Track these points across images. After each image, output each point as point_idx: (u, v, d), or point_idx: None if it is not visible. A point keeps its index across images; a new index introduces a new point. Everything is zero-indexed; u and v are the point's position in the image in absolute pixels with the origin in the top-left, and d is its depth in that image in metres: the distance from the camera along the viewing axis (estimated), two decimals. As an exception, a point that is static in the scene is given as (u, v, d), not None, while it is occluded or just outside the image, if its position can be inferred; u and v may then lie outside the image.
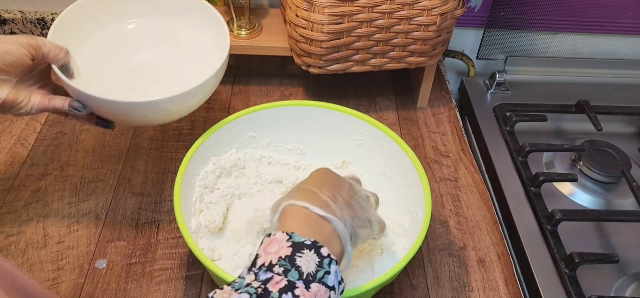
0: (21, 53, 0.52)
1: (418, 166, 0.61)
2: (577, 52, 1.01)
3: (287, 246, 0.43)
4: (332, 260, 0.43)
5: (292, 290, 0.40)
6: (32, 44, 0.53)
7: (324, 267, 0.42)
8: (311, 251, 0.43)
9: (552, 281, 0.66)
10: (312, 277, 0.41)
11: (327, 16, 0.70)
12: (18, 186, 0.71)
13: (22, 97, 0.55)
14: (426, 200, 0.58)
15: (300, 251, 0.42)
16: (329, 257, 0.43)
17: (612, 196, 0.78)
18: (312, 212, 0.47)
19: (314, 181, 0.51)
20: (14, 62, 0.52)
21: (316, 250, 0.43)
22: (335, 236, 0.47)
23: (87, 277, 0.61)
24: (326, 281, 0.42)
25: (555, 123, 0.90)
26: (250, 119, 0.67)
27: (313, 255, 0.42)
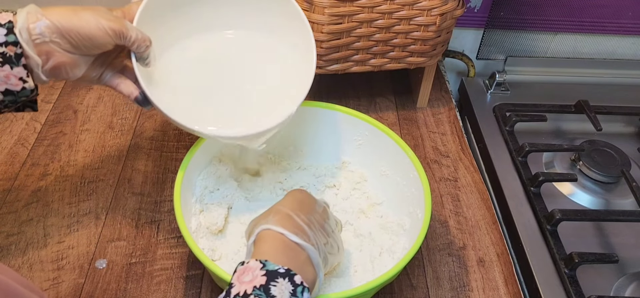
0: (105, 40, 0.49)
1: (418, 166, 0.62)
2: (576, 52, 1.01)
3: (261, 275, 0.42)
4: (304, 288, 0.43)
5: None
6: (117, 32, 0.49)
7: (298, 296, 0.42)
8: (285, 280, 0.42)
9: (551, 281, 0.66)
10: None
11: (327, 16, 0.70)
12: (18, 187, 0.71)
13: (95, 73, 0.53)
14: (426, 200, 0.58)
15: (275, 280, 0.42)
16: (302, 285, 0.43)
17: (611, 196, 0.78)
18: (287, 239, 0.47)
19: (290, 203, 0.50)
20: (95, 46, 0.50)
21: (290, 279, 0.43)
22: (309, 264, 0.47)
23: (87, 276, 0.61)
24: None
25: (554, 123, 0.90)
26: None
27: (287, 284, 0.42)
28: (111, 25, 0.49)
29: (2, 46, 0.45)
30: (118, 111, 0.83)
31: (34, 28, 0.46)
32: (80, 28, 0.47)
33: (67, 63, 0.49)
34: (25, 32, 0.46)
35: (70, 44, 0.48)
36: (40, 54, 0.47)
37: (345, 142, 0.70)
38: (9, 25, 0.45)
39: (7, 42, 0.45)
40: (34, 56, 0.46)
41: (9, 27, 0.45)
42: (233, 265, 0.60)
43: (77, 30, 0.47)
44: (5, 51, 0.45)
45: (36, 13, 0.47)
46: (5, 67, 0.45)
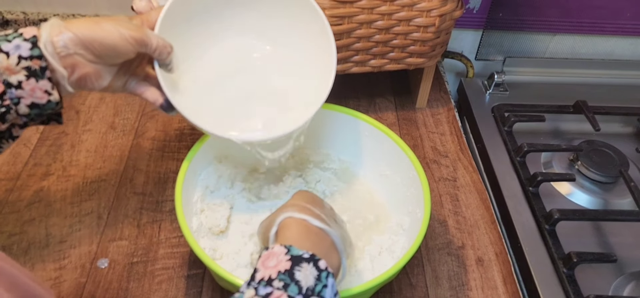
0: (127, 50, 0.50)
1: (417, 166, 0.62)
2: (575, 53, 1.01)
3: (286, 260, 0.43)
4: (329, 274, 0.43)
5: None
6: (138, 40, 0.50)
7: (322, 281, 0.43)
8: (309, 265, 0.43)
9: (550, 280, 0.66)
10: (311, 291, 0.42)
11: (327, 18, 0.70)
12: (20, 186, 0.71)
13: (119, 82, 0.54)
14: (425, 200, 0.58)
15: (299, 264, 0.42)
16: (327, 270, 0.43)
17: (610, 196, 0.79)
18: (311, 224, 0.47)
19: (303, 198, 0.51)
20: (118, 55, 0.50)
21: (314, 263, 0.43)
22: (333, 249, 0.48)
23: (89, 276, 0.62)
24: (324, 295, 0.42)
25: (553, 123, 0.91)
26: None
27: (312, 269, 0.43)
28: (132, 34, 0.49)
29: (28, 60, 0.46)
30: (120, 111, 0.83)
31: (58, 41, 0.47)
32: (103, 38, 0.48)
33: (92, 74, 0.50)
34: (49, 46, 0.46)
35: (94, 55, 0.49)
36: (66, 66, 0.48)
37: (345, 142, 0.71)
38: (33, 40, 0.46)
39: (32, 56, 0.46)
40: (59, 68, 0.47)
41: (33, 41, 0.46)
42: (234, 264, 0.61)
43: (99, 41, 0.48)
44: (30, 65, 0.46)
45: (59, 26, 0.47)
46: (31, 81, 0.46)
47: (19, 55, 0.45)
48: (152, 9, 0.53)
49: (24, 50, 0.46)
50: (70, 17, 0.95)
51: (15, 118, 0.46)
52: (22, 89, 0.46)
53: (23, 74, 0.46)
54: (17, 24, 0.94)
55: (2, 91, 0.45)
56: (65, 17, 0.94)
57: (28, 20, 0.94)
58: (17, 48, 0.45)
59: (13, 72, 0.45)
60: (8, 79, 0.45)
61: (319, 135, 0.71)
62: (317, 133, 0.71)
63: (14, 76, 0.45)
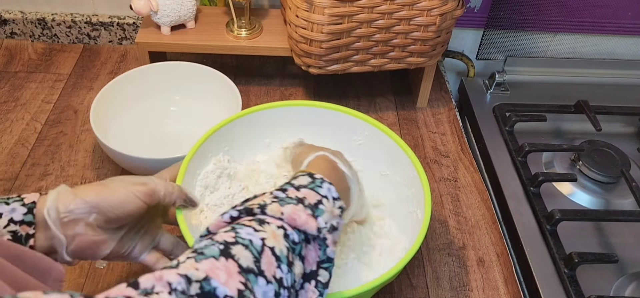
0: (136, 205, 0.48)
1: (418, 166, 0.62)
2: (576, 52, 1.01)
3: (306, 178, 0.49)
4: (323, 180, 0.48)
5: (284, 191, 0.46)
6: (147, 193, 0.49)
7: (316, 183, 0.48)
8: (305, 175, 0.49)
9: (551, 281, 0.66)
10: (303, 186, 0.47)
11: (327, 17, 0.70)
12: (19, 187, 0.71)
13: (126, 247, 0.51)
14: (426, 200, 0.58)
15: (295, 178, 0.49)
16: (321, 178, 0.48)
17: (611, 196, 0.78)
18: (338, 167, 0.54)
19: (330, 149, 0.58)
20: (127, 214, 0.48)
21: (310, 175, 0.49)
22: (348, 194, 0.54)
23: (88, 276, 0.62)
24: (317, 190, 0.47)
25: (554, 123, 0.90)
26: (250, 120, 0.67)
27: (306, 177, 0.48)
28: (139, 188, 0.49)
29: (16, 225, 0.44)
30: (118, 111, 0.83)
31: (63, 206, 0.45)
32: (110, 198, 0.47)
33: (95, 241, 0.48)
34: (53, 211, 0.45)
35: (101, 217, 0.47)
36: (66, 234, 0.46)
37: (345, 142, 0.70)
38: (31, 206, 0.45)
39: (22, 221, 0.44)
40: (59, 235, 0.45)
41: (30, 207, 0.45)
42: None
43: (107, 201, 0.47)
44: (17, 229, 0.44)
45: (67, 193, 0.46)
46: None
47: (11, 218, 0.44)
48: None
49: (18, 214, 0.44)
50: (69, 14, 0.94)
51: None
52: None
53: (7, 238, 0.43)
54: (15, 24, 0.94)
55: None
56: (64, 16, 0.94)
57: (26, 20, 0.93)
58: (12, 211, 0.44)
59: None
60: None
61: (319, 135, 0.70)
62: (317, 133, 0.70)
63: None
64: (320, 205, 0.46)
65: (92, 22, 0.94)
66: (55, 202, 0.45)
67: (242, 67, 0.94)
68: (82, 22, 0.94)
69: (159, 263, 0.53)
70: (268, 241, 0.40)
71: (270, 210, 0.44)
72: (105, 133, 0.70)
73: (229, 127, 0.66)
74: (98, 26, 0.95)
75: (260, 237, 0.40)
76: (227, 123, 0.65)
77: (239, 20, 0.83)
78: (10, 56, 0.93)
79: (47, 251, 0.45)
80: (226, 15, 0.87)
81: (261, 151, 0.71)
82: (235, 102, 0.73)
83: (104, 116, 0.72)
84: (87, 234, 0.47)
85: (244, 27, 0.83)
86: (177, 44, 0.82)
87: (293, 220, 0.43)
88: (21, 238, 0.44)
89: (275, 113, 0.68)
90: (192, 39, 0.82)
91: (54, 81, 0.88)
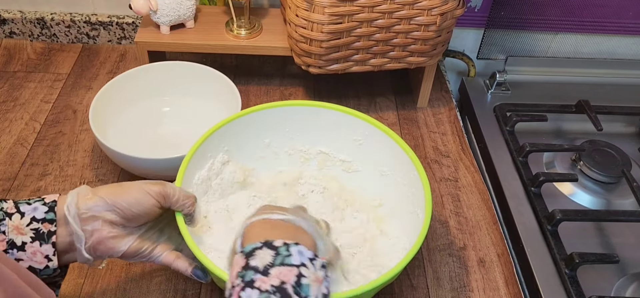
0: (150, 204, 0.50)
1: (418, 166, 0.61)
2: (577, 52, 1.01)
3: (242, 261, 0.43)
4: (289, 245, 0.44)
5: (251, 286, 0.40)
6: (161, 193, 0.51)
7: (282, 253, 0.43)
8: (262, 249, 0.44)
9: (552, 281, 0.66)
10: (270, 265, 0.42)
11: (327, 16, 0.70)
12: (18, 186, 0.70)
13: (146, 246, 0.52)
14: (426, 200, 0.58)
15: (252, 255, 0.43)
16: (285, 244, 0.44)
17: (612, 196, 0.78)
18: (273, 220, 0.48)
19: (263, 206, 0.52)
20: (142, 213, 0.50)
21: (268, 246, 0.44)
22: (303, 232, 0.48)
23: (87, 276, 0.61)
24: (288, 261, 0.42)
25: (555, 123, 0.90)
26: (249, 120, 0.67)
27: (266, 251, 0.43)
28: (154, 188, 0.51)
29: (39, 223, 0.46)
30: (118, 110, 0.82)
31: (83, 204, 0.48)
32: (126, 196, 0.49)
33: (112, 238, 0.49)
34: (73, 208, 0.47)
35: (118, 215, 0.49)
36: (85, 230, 0.48)
37: (345, 142, 0.70)
38: (52, 204, 0.47)
39: (44, 219, 0.46)
40: (78, 231, 0.47)
41: (51, 206, 0.47)
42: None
43: (123, 199, 0.49)
44: (39, 227, 0.46)
45: (87, 191, 0.49)
46: (35, 244, 0.46)
47: (33, 216, 0.46)
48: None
49: (40, 212, 0.46)
50: (68, 14, 0.94)
51: None
52: (24, 251, 0.45)
53: (29, 236, 0.46)
54: (14, 23, 0.94)
55: (4, 249, 0.45)
56: (64, 15, 0.94)
57: (25, 19, 0.93)
58: (34, 210, 0.46)
59: (21, 232, 0.45)
60: (14, 239, 0.45)
61: (319, 135, 0.70)
62: (317, 133, 0.70)
63: (20, 237, 0.45)
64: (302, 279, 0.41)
65: (91, 21, 0.94)
66: (75, 199, 0.48)
67: (241, 67, 0.94)
68: (81, 22, 0.94)
69: (177, 262, 0.53)
70: None
71: None
72: (104, 133, 0.70)
73: (228, 127, 0.65)
74: (97, 26, 0.95)
75: None
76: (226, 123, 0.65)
77: (239, 20, 0.83)
78: (9, 56, 0.93)
79: (67, 248, 0.48)
80: (226, 15, 0.87)
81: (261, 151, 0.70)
82: (235, 102, 0.73)
83: (103, 116, 0.72)
84: (105, 230, 0.49)
85: (243, 27, 0.83)
86: (176, 44, 0.82)
87: None
88: (43, 235, 0.46)
89: (274, 113, 0.68)
90: (192, 38, 0.82)
91: (53, 80, 0.88)
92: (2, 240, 0.44)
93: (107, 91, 0.74)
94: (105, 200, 0.48)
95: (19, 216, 0.46)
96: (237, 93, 0.74)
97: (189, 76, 0.80)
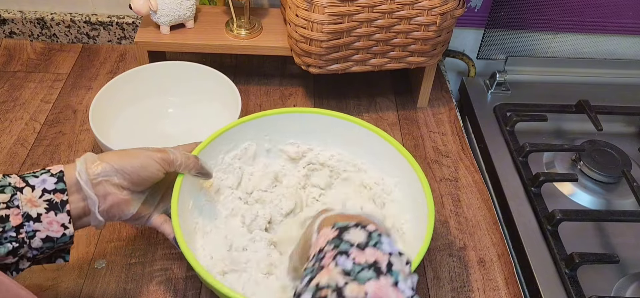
0: (156, 168, 0.53)
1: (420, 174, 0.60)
2: (577, 52, 1.01)
3: (333, 234, 0.43)
4: (380, 234, 0.43)
5: (346, 254, 0.40)
6: (165, 159, 0.53)
7: (374, 238, 0.42)
8: (356, 228, 0.43)
9: (552, 281, 0.66)
10: (365, 244, 0.41)
11: (327, 16, 0.70)
12: (18, 186, 0.70)
13: (146, 211, 0.55)
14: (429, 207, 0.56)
15: (346, 230, 0.43)
16: (376, 231, 0.43)
17: (612, 196, 0.78)
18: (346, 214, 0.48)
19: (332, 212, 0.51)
20: (148, 177, 0.53)
21: (361, 227, 0.43)
22: None
23: (87, 277, 0.61)
24: (380, 247, 0.41)
25: (555, 123, 0.90)
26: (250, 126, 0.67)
27: (360, 231, 0.43)
28: (157, 154, 0.53)
29: (51, 194, 0.47)
30: (118, 110, 0.82)
31: (94, 169, 0.50)
32: (133, 161, 0.52)
33: (122, 202, 0.52)
34: (84, 174, 0.49)
35: (126, 179, 0.51)
36: (98, 194, 0.50)
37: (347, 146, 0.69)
38: (60, 174, 0.48)
39: (55, 190, 0.48)
40: (92, 194, 0.49)
41: (59, 176, 0.48)
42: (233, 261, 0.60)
43: (130, 164, 0.51)
44: (52, 198, 0.47)
45: (94, 158, 0.51)
46: (50, 214, 0.47)
47: (44, 188, 0.47)
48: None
49: (49, 184, 0.48)
50: (68, 14, 0.94)
51: (26, 251, 0.47)
52: (40, 222, 0.47)
53: (43, 207, 0.47)
54: (13, 23, 0.94)
55: (20, 223, 0.46)
56: (63, 15, 0.94)
57: (25, 19, 0.93)
58: (43, 182, 0.47)
59: (34, 205, 0.46)
60: (28, 212, 0.46)
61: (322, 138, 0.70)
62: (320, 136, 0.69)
63: (35, 209, 0.46)
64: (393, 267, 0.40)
65: (91, 21, 0.94)
66: (84, 166, 0.50)
67: (241, 67, 0.94)
68: (81, 22, 0.94)
69: (163, 225, 0.56)
70: None
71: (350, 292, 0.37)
72: (104, 132, 0.70)
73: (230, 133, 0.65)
74: (97, 26, 0.95)
75: None
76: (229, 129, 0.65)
77: (239, 20, 0.83)
78: (9, 56, 0.93)
79: (80, 214, 0.50)
80: (226, 15, 0.87)
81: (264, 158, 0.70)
82: (235, 102, 0.73)
83: (103, 116, 0.72)
84: (116, 194, 0.51)
85: (243, 27, 0.83)
86: (176, 44, 0.82)
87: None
88: (57, 204, 0.47)
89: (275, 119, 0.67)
90: (192, 38, 0.82)
91: (53, 80, 0.88)
92: (17, 214, 0.45)
93: (107, 91, 0.74)
94: (112, 166, 0.50)
95: (30, 189, 0.47)
96: (237, 93, 0.74)
97: (189, 76, 0.80)
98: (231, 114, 0.73)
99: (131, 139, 0.75)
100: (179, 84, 0.81)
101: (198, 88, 0.80)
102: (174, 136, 0.78)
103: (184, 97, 0.81)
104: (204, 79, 0.79)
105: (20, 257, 0.47)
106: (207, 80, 0.79)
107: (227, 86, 0.76)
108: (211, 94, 0.80)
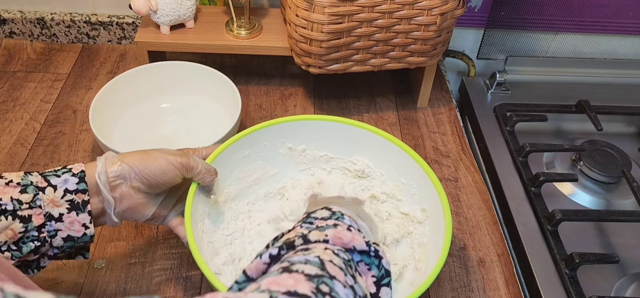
0: (175, 174, 0.53)
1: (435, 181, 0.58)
2: (577, 52, 1.01)
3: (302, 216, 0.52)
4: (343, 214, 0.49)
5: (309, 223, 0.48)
6: (185, 165, 0.53)
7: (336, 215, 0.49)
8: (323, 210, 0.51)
9: (552, 281, 0.66)
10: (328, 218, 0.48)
11: (327, 16, 0.70)
12: (18, 186, 0.70)
13: (162, 213, 0.56)
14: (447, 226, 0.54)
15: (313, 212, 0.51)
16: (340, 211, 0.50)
17: (612, 196, 0.78)
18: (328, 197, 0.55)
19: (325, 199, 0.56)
20: (166, 182, 0.53)
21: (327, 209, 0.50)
22: None
23: (87, 276, 0.61)
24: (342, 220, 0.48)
25: (555, 123, 0.90)
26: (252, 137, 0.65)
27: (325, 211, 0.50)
28: (178, 159, 0.53)
29: (72, 194, 0.48)
30: (118, 110, 0.82)
31: (113, 171, 0.50)
32: (152, 165, 0.51)
33: (138, 205, 0.52)
34: (103, 175, 0.50)
35: (143, 183, 0.51)
36: (114, 196, 0.50)
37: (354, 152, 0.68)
38: (81, 175, 0.49)
39: (77, 190, 0.48)
40: (109, 197, 0.50)
41: (81, 176, 0.49)
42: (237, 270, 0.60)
43: (149, 168, 0.51)
44: (74, 198, 0.48)
45: (114, 158, 0.51)
46: (72, 214, 0.48)
47: (66, 188, 0.48)
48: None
49: (71, 184, 0.48)
50: (68, 14, 0.94)
51: (47, 249, 0.48)
52: (62, 221, 0.47)
53: (65, 207, 0.47)
54: (13, 23, 0.94)
55: (42, 223, 0.46)
56: (63, 15, 0.94)
57: (25, 19, 0.93)
58: (65, 182, 0.48)
59: (56, 205, 0.47)
60: (51, 212, 0.47)
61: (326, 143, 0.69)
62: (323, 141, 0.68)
63: (56, 209, 0.47)
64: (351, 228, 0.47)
65: (91, 21, 0.94)
66: (104, 167, 0.50)
67: (241, 67, 0.94)
68: (81, 22, 0.94)
69: (179, 227, 0.56)
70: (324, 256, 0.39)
71: (313, 236, 0.43)
72: (104, 133, 0.70)
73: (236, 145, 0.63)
74: (97, 26, 0.95)
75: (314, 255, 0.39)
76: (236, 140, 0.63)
77: (239, 20, 0.83)
78: (9, 56, 0.93)
79: (99, 214, 0.51)
80: (226, 15, 0.87)
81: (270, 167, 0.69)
82: (235, 102, 0.73)
83: (103, 116, 0.72)
84: (133, 196, 0.51)
85: (243, 27, 0.83)
86: (176, 44, 0.82)
87: (339, 240, 0.43)
88: (79, 205, 0.48)
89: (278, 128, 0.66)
90: (192, 38, 0.82)
91: (53, 80, 0.88)
92: (39, 213, 0.46)
93: (107, 91, 0.74)
94: (131, 168, 0.51)
95: (52, 189, 0.47)
96: (237, 93, 0.74)
97: (189, 75, 0.80)
98: (231, 114, 0.73)
99: (131, 139, 0.75)
100: (179, 84, 0.81)
101: (198, 88, 0.80)
102: (173, 136, 0.78)
103: (183, 97, 0.81)
104: (204, 79, 0.79)
105: (41, 255, 0.48)
106: (207, 80, 0.79)
107: (227, 86, 0.76)
108: (211, 94, 0.80)
